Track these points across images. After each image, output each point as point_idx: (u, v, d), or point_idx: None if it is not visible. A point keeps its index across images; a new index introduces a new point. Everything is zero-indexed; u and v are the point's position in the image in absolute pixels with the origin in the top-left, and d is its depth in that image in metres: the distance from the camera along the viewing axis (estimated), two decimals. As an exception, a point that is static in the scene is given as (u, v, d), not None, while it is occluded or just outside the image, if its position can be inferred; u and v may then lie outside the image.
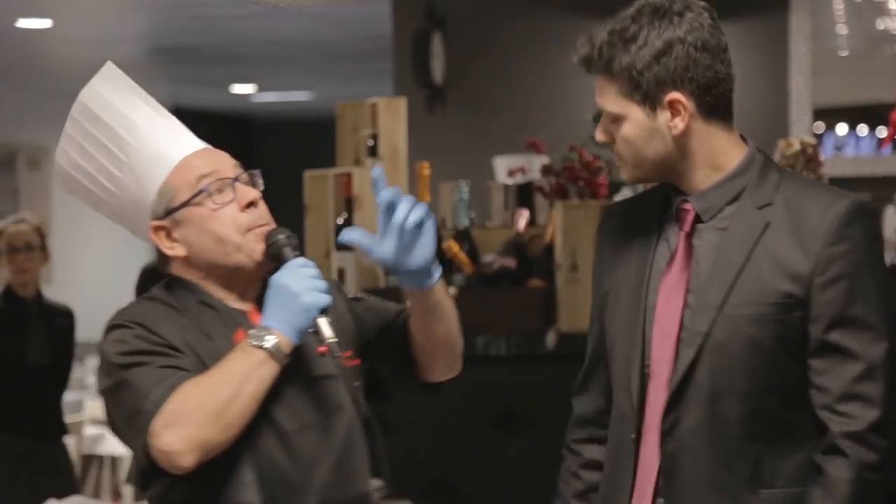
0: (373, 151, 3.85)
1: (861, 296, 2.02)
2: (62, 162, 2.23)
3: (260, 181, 2.19)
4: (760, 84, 5.37)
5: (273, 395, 2.08)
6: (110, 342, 2.10)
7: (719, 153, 2.10)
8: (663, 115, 2.06)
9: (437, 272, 2.17)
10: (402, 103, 3.96)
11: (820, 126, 5.54)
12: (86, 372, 7.86)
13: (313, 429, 2.12)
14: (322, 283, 2.08)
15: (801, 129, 5.26)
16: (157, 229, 2.16)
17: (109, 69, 2.24)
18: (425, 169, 3.62)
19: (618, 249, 2.20)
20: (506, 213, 4.44)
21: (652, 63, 2.04)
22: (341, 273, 3.78)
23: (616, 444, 2.16)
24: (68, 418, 5.10)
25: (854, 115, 5.68)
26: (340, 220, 3.69)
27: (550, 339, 3.66)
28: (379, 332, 2.28)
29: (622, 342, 2.14)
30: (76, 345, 5.15)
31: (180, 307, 2.15)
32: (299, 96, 11.30)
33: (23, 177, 10.12)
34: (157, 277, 3.41)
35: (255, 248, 2.13)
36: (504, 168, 4.58)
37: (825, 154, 5.28)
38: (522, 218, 3.93)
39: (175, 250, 2.16)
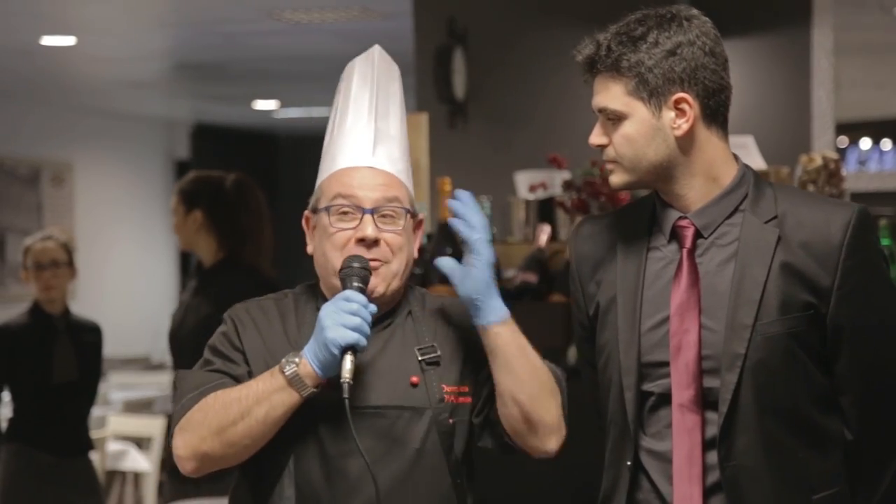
0: (394, 167, 3.86)
1: (877, 303, 2.08)
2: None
3: (394, 223, 2.17)
4: (783, 99, 5.36)
5: (327, 418, 2.11)
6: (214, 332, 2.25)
7: (716, 163, 2.10)
8: (668, 115, 2.06)
9: (493, 312, 2.10)
10: (423, 119, 3.96)
11: (843, 140, 5.52)
12: (109, 388, 7.88)
13: (361, 457, 2.10)
14: (356, 321, 2.06)
15: (824, 144, 5.25)
16: (306, 220, 2.26)
17: (375, 52, 2.31)
18: (447, 184, 3.63)
19: (599, 268, 2.18)
20: (527, 229, 4.43)
21: (661, 61, 2.05)
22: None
23: (612, 469, 2.16)
24: (92, 434, 5.11)
25: (877, 129, 5.66)
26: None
27: (572, 354, 3.65)
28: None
29: (615, 364, 2.13)
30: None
31: (298, 309, 2.23)
32: (322, 112, 11.34)
33: (47, 193, 10.17)
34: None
35: None
36: (525, 183, 4.58)
37: (848, 169, 5.27)
38: (544, 233, 3.93)
39: (309, 245, 2.25)
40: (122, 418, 7.11)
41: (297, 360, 2.08)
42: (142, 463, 6.74)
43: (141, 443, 6.95)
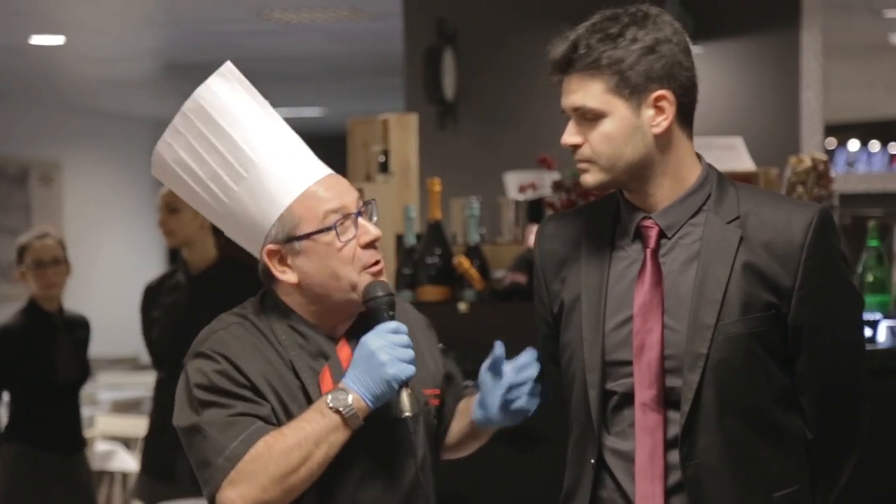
0: (384, 167, 3.85)
1: (837, 303, 2.10)
2: (164, 154, 2.17)
3: (375, 212, 2.15)
4: (771, 100, 5.37)
5: (351, 441, 2.07)
6: (193, 370, 2.09)
7: (684, 163, 2.10)
8: (647, 113, 2.05)
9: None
10: (413, 119, 3.96)
11: (832, 142, 5.53)
12: (98, 388, 7.86)
13: (378, 476, 2.11)
14: (409, 353, 2.06)
15: (813, 145, 5.26)
16: (271, 253, 2.12)
17: (228, 69, 2.20)
18: (436, 185, 3.62)
19: (564, 267, 2.18)
20: (516, 229, 4.43)
21: (642, 58, 2.03)
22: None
23: (575, 466, 2.16)
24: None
25: (866, 131, 5.68)
26: (351, 236, 3.70)
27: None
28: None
29: (580, 362, 2.13)
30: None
31: (268, 331, 2.12)
32: (311, 112, 11.32)
33: (35, 192, 10.15)
34: (155, 295, 3.31)
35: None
36: (515, 184, 4.57)
37: (837, 170, 5.28)
38: (533, 234, 3.93)
39: (286, 276, 2.12)
40: (110, 418, 7.10)
41: (345, 396, 2.03)
42: (130, 463, 6.73)
43: (129, 443, 6.94)
